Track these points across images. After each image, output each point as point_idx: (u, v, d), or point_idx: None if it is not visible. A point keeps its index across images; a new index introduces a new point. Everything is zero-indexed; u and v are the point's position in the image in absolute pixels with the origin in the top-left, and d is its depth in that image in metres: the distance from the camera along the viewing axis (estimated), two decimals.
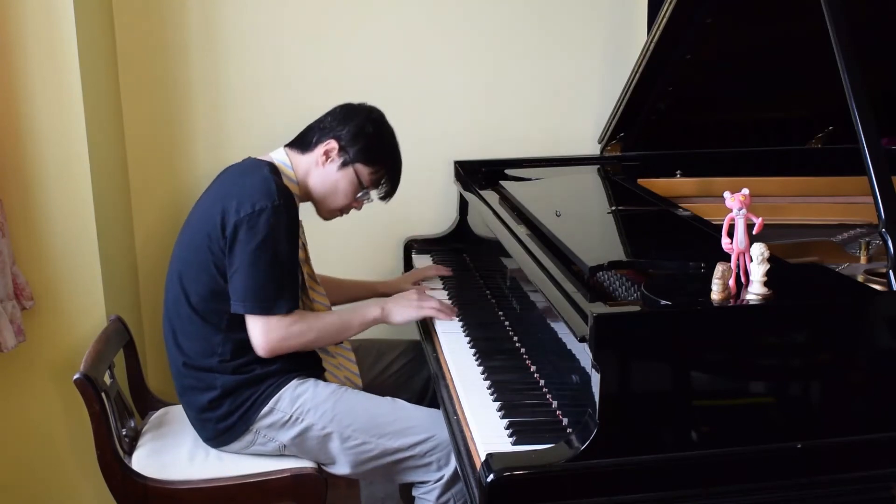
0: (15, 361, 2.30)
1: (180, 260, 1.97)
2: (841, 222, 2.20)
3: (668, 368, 1.36)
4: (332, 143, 1.98)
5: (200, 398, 1.93)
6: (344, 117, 2.01)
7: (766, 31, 2.26)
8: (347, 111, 2.03)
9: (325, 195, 2.02)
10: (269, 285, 1.84)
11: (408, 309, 2.02)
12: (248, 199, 1.84)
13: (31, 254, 2.27)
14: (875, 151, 1.50)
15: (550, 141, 2.81)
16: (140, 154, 2.64)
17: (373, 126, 2.02)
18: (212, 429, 1.95)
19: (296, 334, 1.88)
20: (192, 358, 1.94)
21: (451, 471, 1.88)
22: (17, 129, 2.20)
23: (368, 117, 2.03)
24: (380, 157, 2.03)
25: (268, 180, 1.87)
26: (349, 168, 1.99)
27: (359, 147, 1.99)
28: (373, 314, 1.99)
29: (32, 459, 2.41)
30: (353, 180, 2.00)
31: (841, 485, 1.41)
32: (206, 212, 1.92)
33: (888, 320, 1.40)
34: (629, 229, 1.94)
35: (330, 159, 1.99)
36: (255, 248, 1.82)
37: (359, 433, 1.90)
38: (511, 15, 2.74)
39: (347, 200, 2.04)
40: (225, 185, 1.95)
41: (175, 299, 1.96)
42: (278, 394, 1.91)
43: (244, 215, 1.83)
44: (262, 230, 1.82)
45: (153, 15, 2.57)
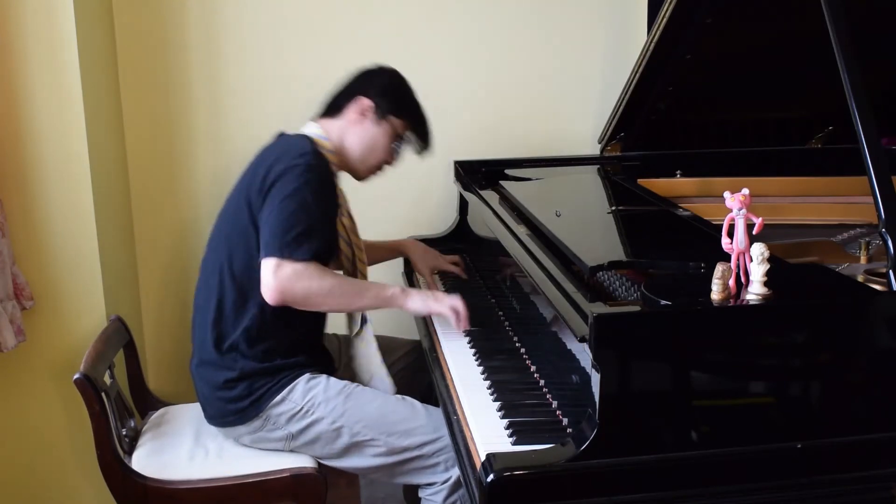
0: (15, 361, 2.30)
1: (224, 230, 1.99)
2: (841, 222, 2.20)
3: (668, 368, 1.36)
4: (365, 101, 2.04)
5: (217, 375, 1.94)
6: (367, 77, 2.10)
7: (766, 31, 2.26)
8: (368, 72, 2.11)
9: (364, 152, 2.07)
10: (289, 231, 1.82)
11: (426, 299, 1.96)
12: (285, 157, 1.90)
13: (31, 254, 2.27)
14: (875, 151, 1.50)
15: (550, 141, 2.81)
16: (140, 154, 2.64)
17: (396, 80, 2.11)
18: (221, 408, 1.95)
19: (305, 278, 1.82)
20: (222, 331, 1.94)
21: (458, 472, 1.87)
22: (17, 129, 2.20)
23: (391, 74, 2.12)
24: (408, 108, 2.09)
25: (304, 144, 1.94)
26: (384, 122, 2.05)
27: (390, 100, 2.05)
28: (391, 291, 1.94)
29: (32, 459, 2.41)
30: (389, 133, 2.07)
31: (841, 485, 1.41)
32: (246, 181, 1.96)
33: (888, 320, 1.40)
34: (629, 229, 1.94)
35: (365, 116, 2.05)
36: (283, 199, 1.85)
37: (368, 430, 1.90)
38: (511, 15, 2.74)
39: (385, 154, 2.09)
40: (264, 156, 1.98)
41: (219, 269, 1.96)
42: (291, 385, 1.92)
43: (279, 171, 1.87)
44: (293, 182, 1.85)
45: (153, 15, 2.57)
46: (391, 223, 2.76)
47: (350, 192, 2.75)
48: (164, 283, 2.74)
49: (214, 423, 1.99)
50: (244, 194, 1.93)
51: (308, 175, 1.87)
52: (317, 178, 1.89)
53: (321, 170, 1.92)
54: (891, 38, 2.19)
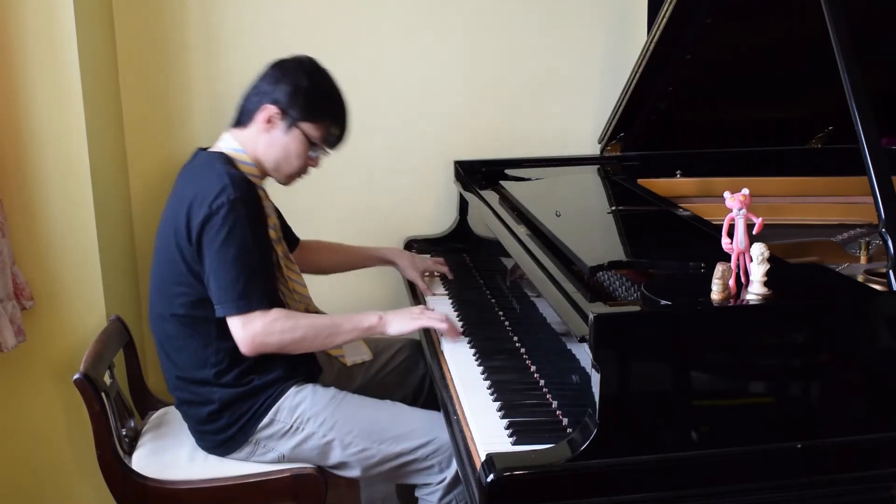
0: (15, 361, 2.30)
1: (158, 275, 1.94)
2: (841, 222, 2.20)
3: (668, 368, 1.36)
4: (271, 108, 1.90)
5: (199, 411, 1.92)
6: (277, 77, 1.92)
7: (766, 31, 2.26)
8: (278, 69, 1.93)
9: (277, 161, 1.94)
10: (239, 281, 1.78)
11: (406, 319, 1.93)
12: (205, 199, 1.79)
13: (31, 254, 2.27)
14: (875, 151, 1.50)
15: (550, 141, 2.81)
16: (140, 154, 2.64)
17: (307, 79, 1.92)
18: (211, 440, 1.94)
19: (279, 331, 1.81)
20: (187, 371, 1.91)
21: (452, 472, 1.87)
22: (17, 129, 2.20)
23: (301, 70, 1.92)
24: (322, 110, 1.93)
25: (221, 175, 1.81)
26: (295, 129, 1.91)
27: (299, 105, 1.90)
28: (368, 321, 1.91)
29: (32, 459, 2.41)
30: (301, 140, 1.92)
31: (841, 485, 1.41)
32: (171, 221, 1.87)
33: (888, 320, 1.40)
34: (629, 229, 1.94)
35: (273, 125, 1.91)
36: (220, 247, 1.78)
37: (359, 440, 1.89)
38: (511, 15, 2.74)
39: (301, 161, 1.96)
40: (183, 189, 1.90)
41: (160, 314, 1.93)
42: (277, 404, 1.89)
43: (203, 217, 1.78)
44: (223, 228, 1.77)
45: (153, 15, 2.57)
46: (391, 223, 2.76)
47: (350, 191, 2.76)
48: None
49: (210, 452, 1.97)
50: (172, 238, 1.85)
51: (235, 214, 1.77)
52: (244, 214, 1.79)
53: (245, 201, 1.80)
54: (891, 38, 2.19)
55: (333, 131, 1.96)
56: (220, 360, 1.88)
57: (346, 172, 2.74)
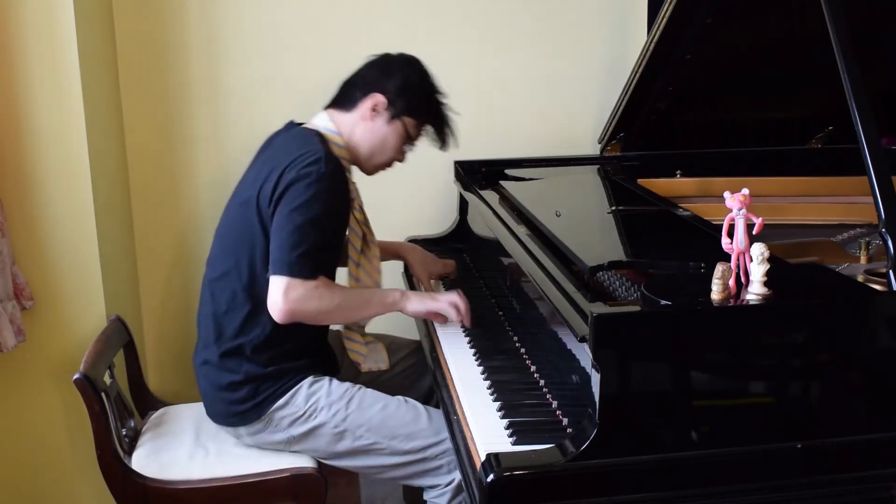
0: (15, 361, 2.30)
1: (228, 232, 1.95)
2: (841, 222, 2.20)
3: (668, 368, 1.36)
4: (378, 97, 1.95)
5: (220, 376, 1.93)
6: (387, 69, 1.98)
7: (766, 31, 2.26)
8: (388, 63, 1.99)
9: (372, 150, 2.00)
10: (296, 247, 1.79)
11: (424, 300, 1.96)
12: (296, 164, 1.82)
13: (31, 254, 2.27)
14: (875, 151, 1.50)
15: (550, 141, 2.81)
16: (140, 154, 2.64)
17: (417, 76, 1.99)
18: (223, 407, 1.95)
19: (315, 298, 1.82)
20: (225, 336, 1.92)
21: (460, 476, 1.87)
22: (17, 129, 2.20)
23: (412, 67, 1.99)
24: (426, 108, 2.00)
25: (317, 149, 1.85)
26: (397, 121, 1.97)
27: (406, 100, 1.96)
28: (392, 297, 1.94)
29: (32, 459, 2.41)
30: (401, 133, 1.98)
31: (841, 485, 1.41)
32: (256, 179, 1.89)
33: (888, 320, 1.40)
34: (629, 229, 1.94)
35: (378, 114, 1.96)
36: (292, 210, 1.80)
37: (371, 433, 1.89)
38: (511, 15, 2.74)
39: (395, 153, 2.02)
40: (274, 153, 1.93)
41: (222, 274, 1.93)
42: (294, 389, 1.91)
43: (290, 179, 1.81)
44: (303, 194, 1.79)
45: (153, 15, 2.57)
46: (391, 223, 2.75)
47: None
48: (164, 283, 2.73)
49: (216, 420, 1.99)
50: (254, 194, 1.87)
51: (319, 185, 1.81)
52: (327, 188, 1.82)
53: (333, 177, 1.84)
54: (891, 38, 2.19)
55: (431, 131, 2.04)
56: (261, 334, 1.89)
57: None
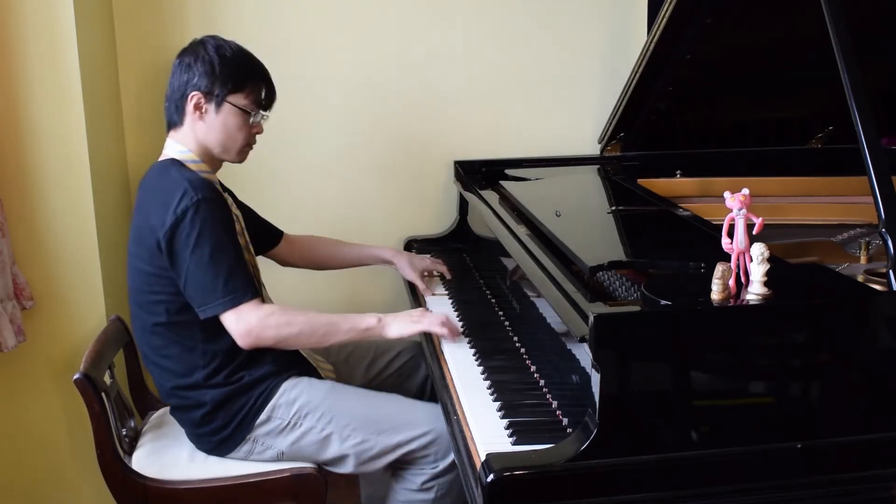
0: (15, 361, 2.30)
1: (134, 288, 1.93)
2: (841, 222, 2.20)
3: (668, 368, 1.36)
4: (194, 95, 1.88)
5: (192, 415, 1.92)
6: (185, 67, 1.90)
7: (767, 31, 2.26)
8: (182, 60, 1.92)
9: (222, 143, 1.93)
10: (219, 278, 1.78)
11: (406, 323, 1.91)
12: (168, 206, 1.79)
13: (31, 254, 2.27)
14: (875, 151, 1.50)
15: (550, 141, 2.81)
16: (140, 154, 2.64)
17: (212, 52, 1.90)
18: (208, 442, 1.94)
19: (274, 325, 1.82)
20: (176, 378, 1.91)
21: (446, 463, 1.88)
22: (17, 129, 2.20)
23: (204, 49, 1.90)
24: (244, 77, 1.92)
25: (178, 180, 1.82)
26: (225, 104, 1.90)
27: (220, 81, 1.88)
28: (366, 323, 1.89)
29: (32, 459, 2.41)
30: (236, 113, 1.91)
31: (841, 485, 1.41)
32: (140, 234, 1.87)
33: (888, 320, 1.40)
34: (629, 229, 1.94)
35: (203, 110, 1.90)
36: (193, 249, 1.77)
37: (357, 432, 1.89)
38: (511, 15, 2.74)
39: (244, 133, 1.94)
40: (144, 202, 1.89)
41: (142, 326, 1.92)
42: (273, 400, 1.89)
43: (170, 224, 1.78)
44: (193, 230, 1.77)
45: (153, 15, 2.57)
46: (391, 223, 2.76)
47: (350, 191, 2.76)
48: None
49: (210, 454, 1.97)
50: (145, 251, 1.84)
51: (201, 214, 1.78)
52: (210, 211, 1.79)
53: (209, 200, 1.80)
54: (891, 38, 2.19)
55: (261, 92, 1.95)
56: (208, 362, 1.88)
57: (346, 172, 2.74)
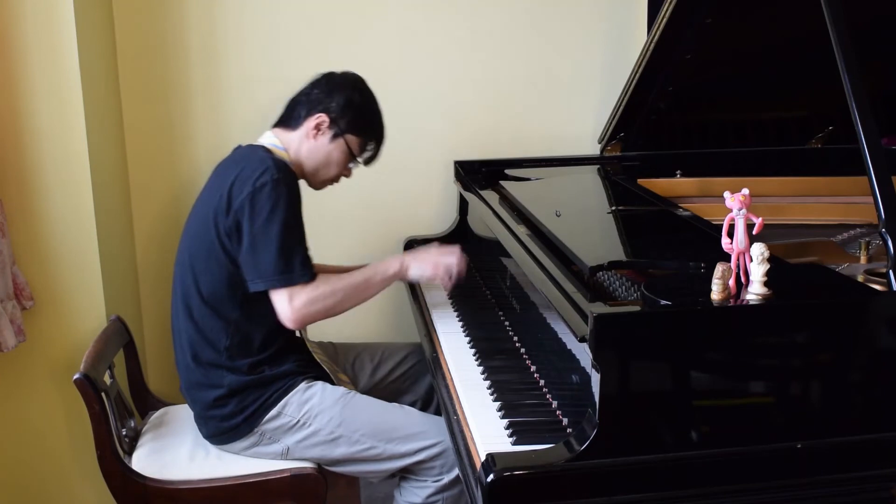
0: (15, 361, 2.30)
1: (188, 252, 1.96)
2: (841, 222, 2.20)
3: (668, 368, 1.36)
4: (322, 117, 1.98)
5: (206, 395, 1.93)
6: (331, 89, 2.01)
7: (766, 31, 2.26)
8: (332, 82, 2.03)
9: (317, 167, 2.02)
10: (283, 255, 1.83)
11: (425, 265, 2.02)
12: (249, 178, 1.84)
13: (31, 254, 2.27)
14: (875, 151, 1.50)
15: (550, 141, 2.81)
16: (140, 154, 2.64)
17: (360, 96, 2.02)
18: (215, 426, 1.95)
19: (321, 297, 1.87)
20: (201, 352, 1.93)
21: (451, 476, 1.89)
22: (17, 129, 2.20)
23: (355, 87, 2.03)
24: (369, 126, 2.04)
25: (263, 158, 1.88)
26: (340, 139, 2.00)
27: (349, 118, 1.99)
28: (393, 269, 1.99)
29: (32, 459, 2.41)
30: (344, 150, 2.01)
31: (841, 485, 1.41)
32: (209, 200, 1.92)
33: (888, 320, 1.40)
34: (629, 229, 1.94)
35: (321, 132, 1.99)
36: (264, 223, 1.82)
37: (366, 438, 1.90)
38: (511, 15, 2.74)
39: (339, 170, 2.05)
40: (224, 173, 1.94)
41: (185, 293, 1.95)
42: (286, 398, 1.91)
43: (246, 192, 1.83)
44: (267, 203, 1.82)
45: (153, 15, 2.57)
46: (391, 223, 2.76)
47: (350, 191, 2.76)
48: (164, 283, 2.72)
49: (211, 441, 1.99)
50: (210, 215, 1.89)
51: (278, 190, 1.83)
52: (286, 191, 1.85)
53: (287, 179, 1.87)
54: (891, 38, 2.19)
55: (371, 148, 2.06)
56: (237, 344, 1.91)
57: None
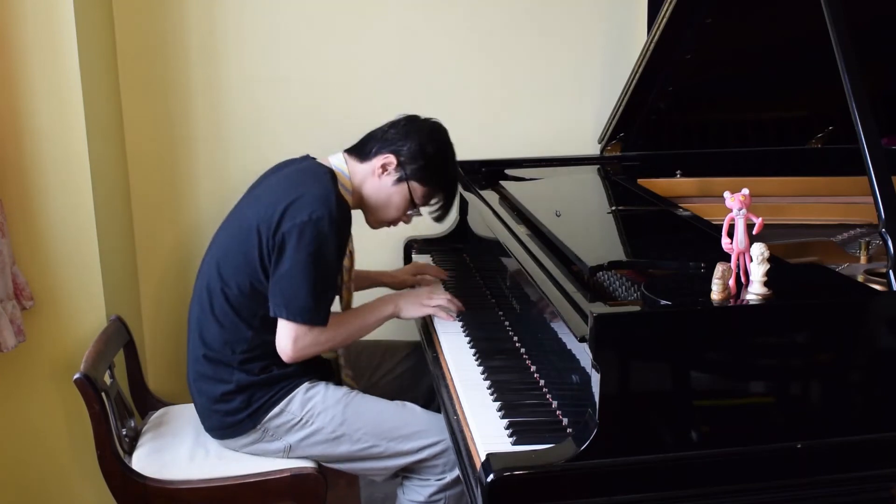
0: (15, 361, 2.30)
1: (224, 247, 1.95)
2: (841, 222, 2.20)
3: (668, 368, 1.36)
4: (390, 158, 1.96)
5: (213, 388, 1.93)
6: (407, 132, 1.98)
7: (766, 31, 2.26)
8: (411, 125, 2.00)
9: (377, 206, 2.01)
10: (312, 297, 1.82)
11: (416, 306, 2.03)
12: (308, 205, 1.82)
13: (31, 254, 2.27)
14: (875, 151, 1.50)
15: (550, 141, 2.81)
16: (140, 154, 2.64)
17: (434, 146, 1.99)
18: (218, 420, 1.95)
19: (322, 342, 1.89)
20: (215, 349, 1.93)
21: (454, 475, 1.89)
22: (17, 129, 2.19)
23: (431, 136, 2.00)
24: (436, 178, 2.00)
25: (328, 191, 1.85)
26: (404, 184, 1.97)
27: (417, 166, 1.96)
28: (388, 311, 2.01)
29: (32, 459, 2.41)
30: (406, 196, 1.99)
31: (841, 485, 1.41)
32: (261, 205, 1.89)
33: (888, 320, 1.40)
34: (629, 229, 1.94)
35: (387, 172, 1.97)
36: (307, 258, 1.81)
37: (369, 436, 1.91)
38: (511, 15, 2.74)
39: (398, 214, 2.03)
40: (286, 184, 1.92)
41: (210, 287, 1.94)
42: (289, 396, 1.91)
43: (300, 221, 1.80)
44: (315, 241, 1.80)
45: (153, 15, 2.57)
46: None
47: None
48: (164, 283, 2.73)
49: (213, 434, 1.99)
50: (254, 224, 1.87)
51: (331, 230, 1.81)
52: (334, 232, 1.83)
53: (340, 220, 1.85)
54: (891, 38, 2.19)
55: (437, 202, 2.05)
56: (251, 348, 1.91)
57: None
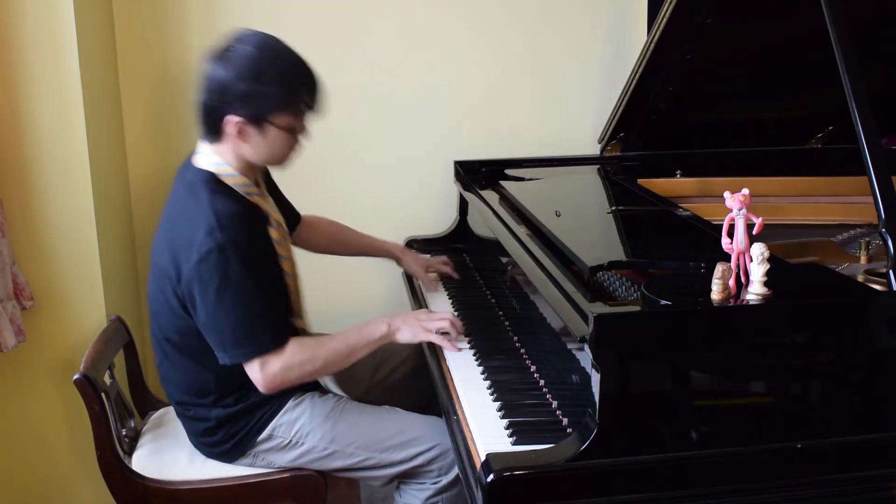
0: (15, 361, 2.30)
1: (153, 298, 1.86)
2: (841, 222, 2.20)
3: (668, 368, 1.36)
4: (231, 119, 1.72)
5: (195, 425, 1.92)
6: (222, 89, 1.71)
7: (766, 31, 2.26)
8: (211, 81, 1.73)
9: (266, 159, 1.81)
10: (244, 326, 1.69)
11: (414, 330, 1.87)
12: (192, 243, 1.67)
13: (31, 254, 2.27)
14: (875, 151, 1.50)
15: (550, 141, 2.81)
16: (140, 154, 2.64)
17: (247, 73, 1.69)
18: (207, 451, 1.94)
19: (297, 364, 1.75)
20: (185, 391, 1.89)
21: (450, 478, 1.88)
22: (17, 129, 2.20)
23: (236, 69, 1.70)
24: (283, 97, 1.73)
25: (206, 213, 1.68)
26: (268, 126, 1.73)
27: (257, 105, 1.71)
28: (379, 332, 1.84)
29: (32, 459, 2.41)
30: (279, 133, 1.75)
31: (841, 485, 1.41)
32: (163, 248, 1.79)
33: (888, 320, 1.40)
34: (629, 229, 1.94)
35: (245, 133, 1.74)
36: (215, 296, 1.67)
37: (361, 450, 1.88)
38: (512, 15, 2.74)
39: (288, 149, 1.81)
40: (168, 223, 1.82)
41: (157, 338, 1.89)
42: (275, 420, 1.87)
43: (194, 262, 1.67)
44: (216, 274, 1.66)
45: (153, 15, 2.57)
46: (391, 223, 2.76)
47: (350, 191, 2.76)
48: None
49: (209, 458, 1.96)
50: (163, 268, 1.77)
51: (224, 256, 1.65)
52: (234, 252, 1.66)
53: (236, 242, 1.67)
54: (891, 38, 2.19)
55: (307, 104, 1.78)
56: (220, 387, 1.85)
57: (346, 172, 2.74)
